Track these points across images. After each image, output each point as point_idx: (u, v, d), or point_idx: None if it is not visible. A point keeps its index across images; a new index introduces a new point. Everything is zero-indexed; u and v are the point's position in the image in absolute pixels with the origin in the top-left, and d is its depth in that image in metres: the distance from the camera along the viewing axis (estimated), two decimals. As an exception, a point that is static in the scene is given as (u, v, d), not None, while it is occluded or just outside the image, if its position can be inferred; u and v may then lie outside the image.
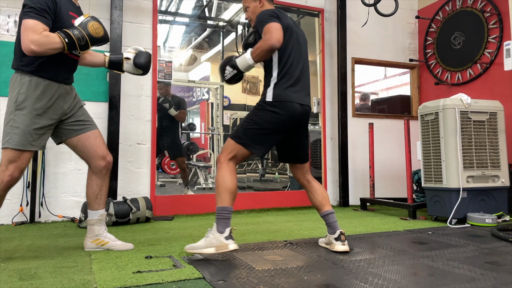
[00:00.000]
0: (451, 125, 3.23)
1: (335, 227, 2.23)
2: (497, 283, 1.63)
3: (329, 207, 2.30)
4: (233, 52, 5.26)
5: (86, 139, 2.24)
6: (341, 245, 2.17)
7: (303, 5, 4.63)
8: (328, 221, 2.27)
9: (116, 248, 2.27)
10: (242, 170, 5.47)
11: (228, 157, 2.14)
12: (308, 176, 2.38)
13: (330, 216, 2.27)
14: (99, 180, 2.32)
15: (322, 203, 2.30)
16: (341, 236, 2.19)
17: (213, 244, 1.99)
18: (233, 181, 2.10)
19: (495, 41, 4.17)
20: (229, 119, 5.65)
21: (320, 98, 4.65)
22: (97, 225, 2.31)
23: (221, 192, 2.07)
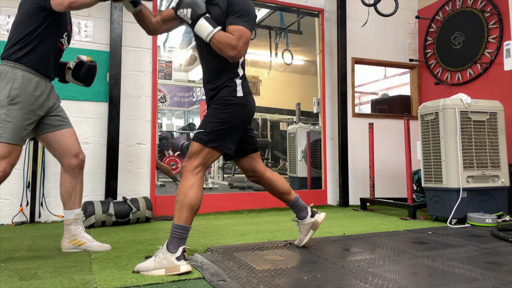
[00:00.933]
0: (451, 125, 3.23)
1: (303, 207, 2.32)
2: (497, 283, 1.63)
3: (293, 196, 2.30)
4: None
5: (61, 136, 2.21)
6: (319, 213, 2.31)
7: (303, 5, 4.63)
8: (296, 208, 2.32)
9: (92, 249, 2.23)
10: (242, 170, 5.48)
11: (195, 164, 1.90)
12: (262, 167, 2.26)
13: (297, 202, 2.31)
14: (72, 179, 2.27)
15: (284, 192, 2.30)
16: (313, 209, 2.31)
17: (163, 265, 1.79)
18: (198, 196, 1.87)
19: (495, 41, 4.17)
20: (229, 119, 5.64)
21: (320, 98, 4.65)
22: (74, 225, 2.27)
23: (181, 207, 1.84)
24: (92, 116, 3.60)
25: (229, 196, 4.14)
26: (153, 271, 1.78)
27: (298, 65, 5.41)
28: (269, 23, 5.25)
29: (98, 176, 3.56)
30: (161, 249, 1.85)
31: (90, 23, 3.64)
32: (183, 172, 1.92)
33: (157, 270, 1.78)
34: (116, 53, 3.59)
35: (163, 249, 1.83)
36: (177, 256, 1.79)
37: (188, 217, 1.85)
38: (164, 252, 1.81)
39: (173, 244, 1.82)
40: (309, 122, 5.05)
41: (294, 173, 4.94)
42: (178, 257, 1.79)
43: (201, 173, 1.92)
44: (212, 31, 1.86)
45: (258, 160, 2.24)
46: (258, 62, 5.33)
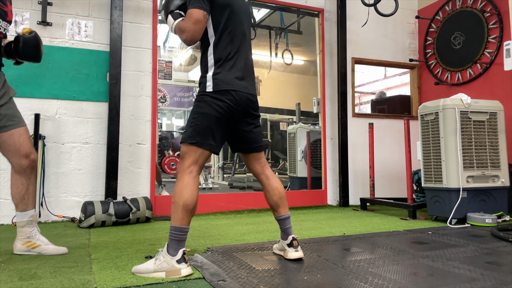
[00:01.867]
0: (451, 125, 3.23)
1: (288, 232, 2.06)
2: (497, 283, 1.63)
3: (286, 210, 2.09)
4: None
5: (8, 136, 2.10)
6: (294, 251, 2.01)
7: (303, 5, 4.63)
8: (282, 226, 2.08)
9: (47, 252, 2.16)
10: (242, 170, 5.46)
11: (187, 164, 1.87)
12: (267, 171, 2.14)
13: (286, 221, 2.08)
14: (24, 180, 2.18)
15: (278, 204, 2.08)
16: (294, 242, 2.03)
17: (163, 268, 1.76)
18: (193, 196, 1.82)
19: (495, 41, 4.17)
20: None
21: (320, 98, 4.65)
22: (28, 227, 2.19)
23: (177, 209, 1.81)
24: (92, 116, 3.60)
25: (229, 196, 4.14)
26: (153, 273, 1.76)
27: (298, 65, 5.41)
28: (269, 23, 5.25)
29: (98, 176, 3.56)
30: (161, 251, 1.82)
31: (90, 23, 3.64)
32: (177, 174, 1.90)
33: (157, 273, 1.76)
34: (116, 53, 3.59)
35: (164, 251, 1.80)
36: (177, 259, 1.76)
37: (184, 218, 1.81)
38: (164, 254, 1.79)
39: (172, 247, 1.79)
40: (309, 122, 5.05)
41: (294, 173, 4.94)
42: (178, 260, 1.76)
43: (194, 172, 1.87)
44: (172, 23, 1.93)
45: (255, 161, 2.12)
46: (258, 62, 5.33)
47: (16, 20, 3.40)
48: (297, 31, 5.28)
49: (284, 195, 2.10)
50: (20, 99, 3.38)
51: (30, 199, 2.22)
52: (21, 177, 2.18)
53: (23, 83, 3.40)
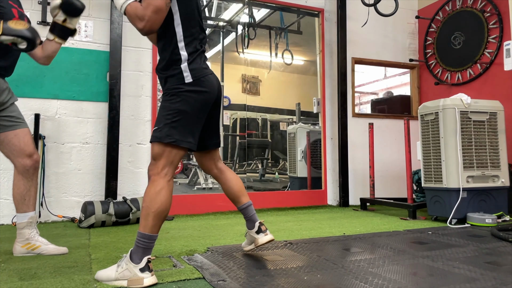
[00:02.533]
0: (451, 125, 3.23)
1: (254, 219, 2.03)
2: (497, 283, 1.63)
3: (246, 198, 2.04)
4: (233, 52, 5.27)
5: (13, 136, 2.13)
6: (264, 235, 1.98)
7: (303, 5, 4.64)
8: (247, 215, 2.04)
9: (47, 252, 2.16)
10: (242, 170, 5.46)
11: (161, 166, 1.73)
12: (220, 164, 2.08)
13: (249, 208, 2.05)
14: (26, 181, 2.19)
15: (238, 194, 2.04)
16: (261, 226, 2.00)
17: (125, 277, 1.65)
18: (167, 202, 1.70)
19: (495, 41, 4.17)
20: (229, 119, 5.65)
21: (320, 98, 4.65)
22: (27, 229, 2.19)
23: (148, 215, 1.68)
24: (92, 116, 3.60)
25: (229, 196, 4.13)
26: (114, 281, 1.66)
27: (298, 65, 5.41)
28: (269, 23, 5.25)
29: (98, 176, 3.56)
30: (124, 258, 1.70)
31: (90, 23, 3.64)
32: (149, 176, 1.75)
33: (118, 281, 1.66)
34: (116, 53, 3.59)
35: (127, 258, 1.68)
36: (140, 268, 1.64)
37: (155, 226, 1.69)
38: (127, 262, 1.67)
39: (137, 254, 1.67)
40: (309, 122, 5.05)
41: (294, 173, 4.94)
42: (142, 268, 1.64)
43: (169, 175, 1.74)
44: (124, 2, 1.70)
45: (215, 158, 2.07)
46: (258, 62, 5.33)
47: (16, 20, 3.39)
48: (297, 31, 5.28)
49: (241, 184, 2.08)
50: (20, 99, 3.38)
51: (31, 201, 2.22)
52: (23, 178, 2.19)
53: (23, 83, 3.40)
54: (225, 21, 5.42)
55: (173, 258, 2.08)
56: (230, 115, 5.64)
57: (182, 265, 1.93)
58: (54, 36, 2.15)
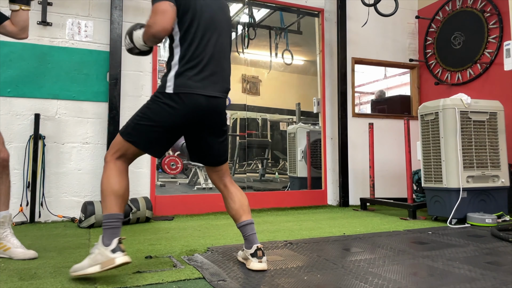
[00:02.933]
0: (451, 125, 3.23)
1: (252, 240, 1.89)
2: (497, 283, 1.63)
3: (247, 216, 1.93)
4: (233, 52, 5.27)
5: None
6: (257, 262, 1.82)
7: (303, 5, 4.64)
8: (245, 234, 1.92)
9: (15, 256, 2.08)
10: (242, 170, 5.46)
11: (115, 156, 1.79)
12: (226, 179, 2.00)
13: (248, 227, 1.92)
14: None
15: (239, 212, 1.94)
16: (258, 251, 1.84)
17: (98, 261, 1.66)
18: (121, 182, 1.75)
19: (495, 41, 4.17)
20: (229, 119, 5.65)
21: (320, 98, 4.65)
22: (0, 229, 2.14)
23: (106, 196, 1.72)
24: (92, 116, 3.60)
25: (229, 196, 4.13)
26: (88, 269, 1.67)
27: (298, 65, 5.41)
28: (269, 23, 5.25)
29: (98, 176, 3.56)
30: (96, 245, 1.71)
31: (90, 23, 3.64)
32: (104, 163, 1.81)
33: (92, 267, 1.66)
34: (116, 53, 3.59)
35: (98, 243, 1.69)
36: (112, 249, 1.65)
37: (115, 204, 1.72)
38: (99, 246, 1.68)
39: (106, 236, 1.68)
40: (309, 122, 5.05)
41: (294, 173, 4.94)
42: (113, 249, 1.65)
43: (120, 161, 1.79)
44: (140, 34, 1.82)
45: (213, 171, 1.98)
46: (258, 62, 5.33)
47: (16, 20, 3.39)
48: (297, 31, 5.28)
49: (245, 202, 1.96)
50: (20, 99, 3.39)
51: (1, 200, 2.15)
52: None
53: (23, 83, 3.40)
54: (225, 21, 5.41)
55: (173, 258, 2.08)
56: (230, 115, 5.64)
57: (182, 265, 1.93)
58: (18, 6, 2.10)
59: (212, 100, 1.82)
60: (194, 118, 1.79)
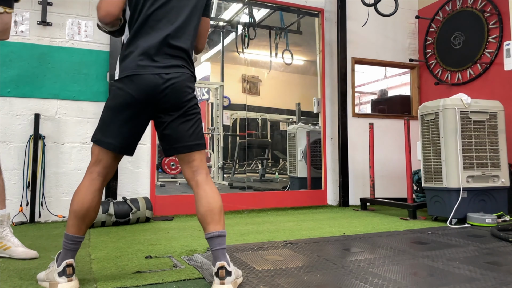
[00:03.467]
0: (451, 125, 3.23)
1: (216, 257, 1.56)
2: (497, 283, 1.63)
3: (215, 226, 1.60)
4: (233, 52, 5.27)
5: None
6: (219, 284, 1.52)
7: (303, 5, 4.64)
8: (211, 247, 1.59)
9: (16, 255, 2.07)
10: (242, 170, 5.46)
11: (90, 164, 1.68)
12: (199, 176, 1.69)
13: (214, 241, 1.58)
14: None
15: (205, 219, 1.62)
16: (220, 271, 1.52)
17: (49, 279, 1.58)
18: (84, 200, 1.60)
19: (495, 41, 4.17)
20: (229, 119, 5.65)
21: (320, 98, 4.65)
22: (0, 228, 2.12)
23: (69, 213, 1.62)
24: (92, 116, 3.60)
25: (229, 196, 4.14)
26: (42, 282, 1.62)
27: (298, 65, 5.41)
28: (269, 23, 5.25)
29: (98, 176, 3.56)
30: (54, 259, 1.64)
31: (90, 23, 3.64)
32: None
33: (44, 282, 1.61)
34: (116, 53, 3.59)
35: (54, 260, 1.63)
36: (58, 272, 1.56)
37: (73, 225, 1.60)
38: (53, 263, 1.62)
39: (61, 256, 1.60)
40: (309, 122, 5.05)
41: (294, 173, 4.94)
42: (59, 272, 1.56)
43: (94, 173, 1.65)
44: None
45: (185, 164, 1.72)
46: (258, 62, 5.33)
47: (16, 20, 3.40)
48: (297, 31, 5.29)
49: (215, 208, 1.62)
50: (20, 99, 3.39)
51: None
52: None
53: (23, 83, 3.40)
54: (225, 21, 5.42)
55: (173, 258, 2.08)
56: (230, 115, 5.64)
57: (182, 265, 1.93)
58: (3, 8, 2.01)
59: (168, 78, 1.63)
60: (148, 99, 1.62)
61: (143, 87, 1.60)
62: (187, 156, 1.70)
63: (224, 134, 5.50)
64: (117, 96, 1.63)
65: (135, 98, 1.61)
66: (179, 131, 1.68)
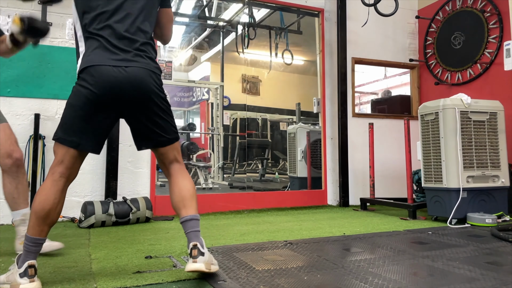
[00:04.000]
0: (451, 125, 3.23)
1: (190, 238, 1.66)
2: (497, 283, 1.63)
3: (186, 211, 1.69)
4: (233, 52, 5.27)
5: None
6: (192, 262, 1.58)
7: (303, 5, 4.63)
8: (185, 231, 1.71)
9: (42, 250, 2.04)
10: (242, 170, 5.46)
11: (53, 164, 1.64)
12: (172, 168, 1.76)
13: (186, 224, 1.69)
14: (11, 179, 2.13)
15: (178, 206, 1.71)
16: (193, 251, 1.60)
17: (10, 281, 1.56)
18: (45, 201, 1.58)
19: (495, 41, 4.17)
20: (229, 119, 5.65)
21: (320, 98, 4.65)
22: (22, 226, 2.16)
23: (30, 214, 1.60)
24: (92, 116, 3.59)
25: (229, 196, 4.14)
26: (2, 285, 1.59)
27: (298, 65, 5.41)
28: (269, 23, 5.25)
29: (98, 176, 3.56)
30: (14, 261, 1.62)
31: (90, 23, 3.64)
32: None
33: (5, 285, 1.58)
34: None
35: (15, 262, 1.60)
36: (20, 273, 1.54)
37: (33, 227, 1.57)
38: (14, 265, 1.60)
39: (22, 257, 1.57)
40: (309, 122, 5.05)
41: (294, 173, 4.94)
42: (21, 273, 1.54)
43: (57, 174, 1.61)
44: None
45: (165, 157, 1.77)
46: (258, 62, 5.33)
47: (16, 20, 3.39)
48: (297, 31, 5.29)
49: (186, 195, 1.71)
50: (20, 99, 3.39)
51: (20, 198, 2.17)
52: (8, 176, 2.14)
53: (23, 83, 3.40)
54: (225, 21, 5.42)
55: (173, 258, 2.08)
56: (230, 115, 5.64)
57: (182, 265, 1.93)
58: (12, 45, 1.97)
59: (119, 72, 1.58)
60: (108, 94, 1.58)
61: (102, 82, 1.57)
62: (159, 150, 1.74)
63: (224, 134, 5.50)
64: (77, 92, 1.60)
65: (95, 93, 1.57)
66: (147, 127, 1.68)
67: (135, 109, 1.66)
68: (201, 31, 5.83)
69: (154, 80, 1.67)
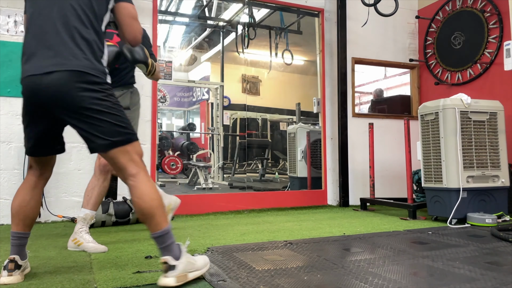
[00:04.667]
0: (451, 125, 3.23)
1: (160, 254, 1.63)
2: (497, 283, 1.63)
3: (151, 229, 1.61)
4: (233, 52, 5.27)
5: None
6: (163, 277, 1.58)
7: (303, 5, 4.63)
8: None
9: (88, 250, 2.25)
10: (242, 170, 5.46)
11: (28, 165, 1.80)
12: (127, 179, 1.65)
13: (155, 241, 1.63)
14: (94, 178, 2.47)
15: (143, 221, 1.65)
16: (163, 266, 1.58)
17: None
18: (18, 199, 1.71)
19: (495, 41, 4.17)
20: (229, 119, 5.65)
21: (320, 98, 4.65)
22: (79, 224, 2.36)
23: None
24: (92, 116, 3.59)
25: (229, 196, 4.14)
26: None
27: (298, 65, 5.41)
28: (269, 23, 5.25)
29: (98, 176, 3.55)
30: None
31: (90, 23, 3.64)
32: None
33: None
34: (116, 53, 3.59)
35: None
36: (3, 266, 1.67)
37: (13, 222, 1.72)
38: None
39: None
40: (309, 122, 5.05)
41: (294, 173, 4.94)
42: (4, 266, 1.67)
43: (29, 174, 1.77)
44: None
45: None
46: (258, 62, 5.33)
47: (16, 20, 3.40)
48: (297, 31, 5.29)
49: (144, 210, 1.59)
50: (20, 99, 3.37)
51: (92, 199, 2.39)
52: (94, 175, 2.45)
53: (23, 83, 3.39)
54: (225, 21, 5.42)
55: (173, 258, 2.08)
56: (230, 115, 5.64)
57: (182, 265, 1.92)
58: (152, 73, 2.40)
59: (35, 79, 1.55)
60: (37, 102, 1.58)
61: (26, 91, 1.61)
62: (103, 156, 1.69)
63: (224, 134, 5.51)
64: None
65: (26, 102, 1.64)
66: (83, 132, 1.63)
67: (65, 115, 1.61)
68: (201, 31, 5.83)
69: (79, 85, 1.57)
